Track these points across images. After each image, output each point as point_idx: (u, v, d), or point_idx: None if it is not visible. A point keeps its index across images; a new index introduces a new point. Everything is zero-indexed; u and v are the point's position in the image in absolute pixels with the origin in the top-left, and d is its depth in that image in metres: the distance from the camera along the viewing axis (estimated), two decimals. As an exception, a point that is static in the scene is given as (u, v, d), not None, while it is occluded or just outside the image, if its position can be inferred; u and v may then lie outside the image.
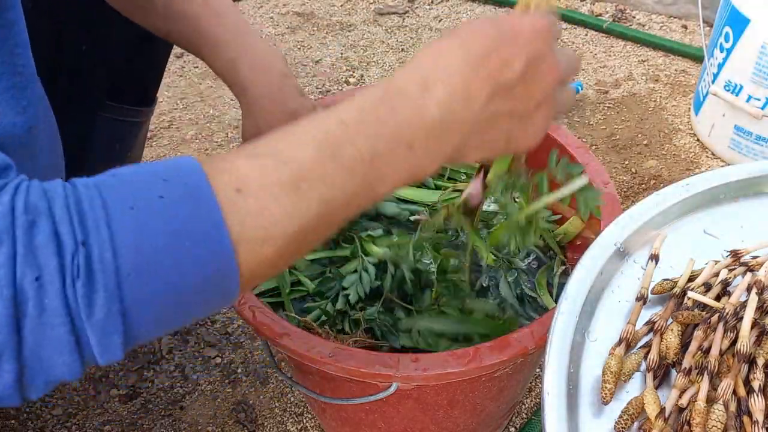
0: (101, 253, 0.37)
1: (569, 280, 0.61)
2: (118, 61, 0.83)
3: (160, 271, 0.39)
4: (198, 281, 0.40)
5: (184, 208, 0.39)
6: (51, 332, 0.36)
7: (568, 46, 1.79)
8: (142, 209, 0.38)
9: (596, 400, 0.56)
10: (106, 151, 0.89)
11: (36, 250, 0.36)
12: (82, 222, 0.37)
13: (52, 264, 0.36)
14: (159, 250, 0.38)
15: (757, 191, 0.72)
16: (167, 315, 0.40)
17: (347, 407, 0.80)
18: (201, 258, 0.40)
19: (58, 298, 0.36)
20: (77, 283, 0.36)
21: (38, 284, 0.36)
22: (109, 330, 0.37)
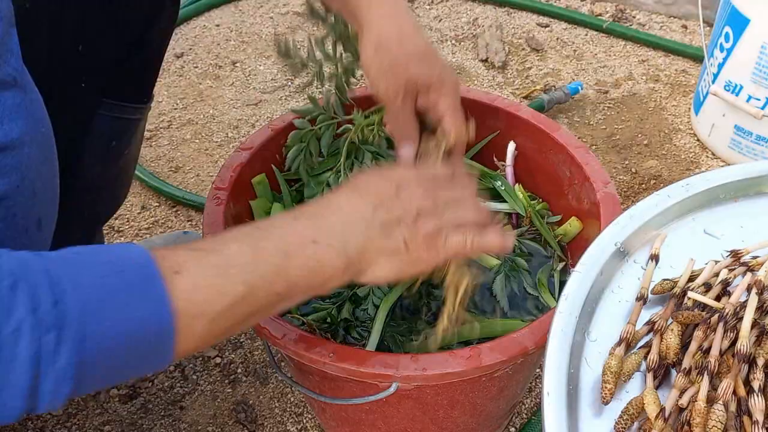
0: (72, 312, 0.44)
1: (569, 280, 0.62)
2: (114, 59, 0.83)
3: (114, 331, 0.46)
4: (141, 342, 0.47)
5: (137, 284, 0.48)
6: (17, 380, 0.42)
7: (568, 46, 1.79)
8: (106, 277, 0.47)
9: (596, 400, 0.56)
10: (103, 148, 0.89)
11: (16, 307, 0.42)
12: (58, 284, 0.44)
13: (29, 319, 0.42)
14: (117, 312, 0.46)
15: (757, 191, 0.72)
16: (110, 373, 0.48)
17: (347, 407, 0.80)
18: (147, 322, 0.47)
19: (30, 345, 0.42)
20: (49, 334, 0.43)
21: (14, 335, 0.42)
22: (65, 378, 0.44)
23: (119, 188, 1.01)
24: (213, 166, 1.46)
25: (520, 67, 1.72)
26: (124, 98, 0.86)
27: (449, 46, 1.79)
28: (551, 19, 1.88)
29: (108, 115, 0.86)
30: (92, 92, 0.83)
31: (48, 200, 0.62)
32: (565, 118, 1.56)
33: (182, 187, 1.41)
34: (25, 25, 0.54)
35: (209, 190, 0.82)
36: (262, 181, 0.88)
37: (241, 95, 1.64)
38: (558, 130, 0.89)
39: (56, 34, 0.77)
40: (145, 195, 1.40)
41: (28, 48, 0.57)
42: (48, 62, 0.78)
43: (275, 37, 0.72)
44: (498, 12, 1.91)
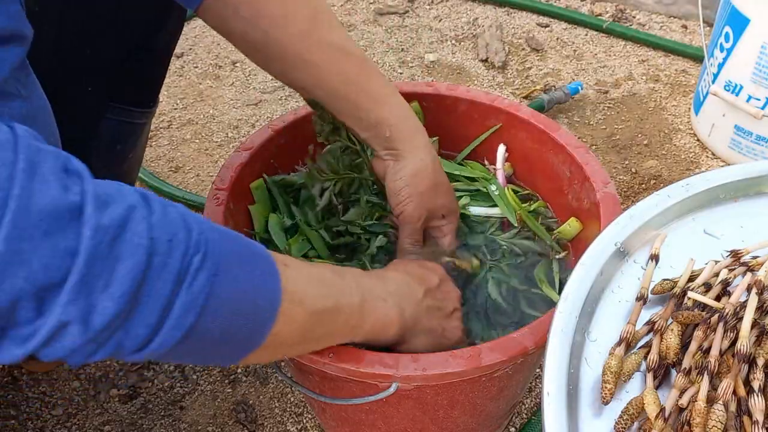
0: (214, 245, 0.46)
1: (569, 280, 0.62)
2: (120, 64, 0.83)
3: (238, 282, 0.48)
4: (252, 307, 0.50)
5: (258, 253, 0.53)
6: (161, 287, 0.43)
7: (568, 46, 1.79)
8: (237, 239, 0.51)
9: (596, 400, 0.56)
10: (107, 152, 0.89)
11: (169, 221, 0.44)
12: (199, 221, 0.47)
13: (180, 234, 0.44)
14: (241, 263, 0.49)
15: (757, 191, 0.72)
16: (220, 329, 0.48)
17: (347, 407, 0.80)
18: (260, 283, 0.51)
19: (178, 261, 0.43)
20: (196, 256, 0.45)
21: (169, 244, 0.43)
22: (195, 304, 0.45)
23: None
24: (213, 166, 1.46)
25: (520, 67, 1.72)
26: (131, 102, 0.86)
27: (449, 46, 1.79)
28: (551, 19, 1.88)
29: (114, 119, 0.86)
30: (99, 96, 0.83)
31: None
32: (565, 118, 1.56)
33: (182, 187, 1.41)
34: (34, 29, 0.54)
35: (209, 190, 0.82)
36: (260, 186, 0.88)
37: (241, 95, 1.64)
38: (558, 130, 0.89)
39: (63, 37, 0.77)
40: (145, 195, 1.39)
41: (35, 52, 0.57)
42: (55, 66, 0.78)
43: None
44: (498, 12, 1.91)
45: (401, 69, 1.72)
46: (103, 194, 0.41)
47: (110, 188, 0.42)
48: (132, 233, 0.41)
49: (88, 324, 0.40)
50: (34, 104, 0.55)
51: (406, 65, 1.74)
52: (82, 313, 0.40)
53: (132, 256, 0.41)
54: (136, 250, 0.41)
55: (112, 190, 0.42)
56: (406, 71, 1.72)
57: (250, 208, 0.87)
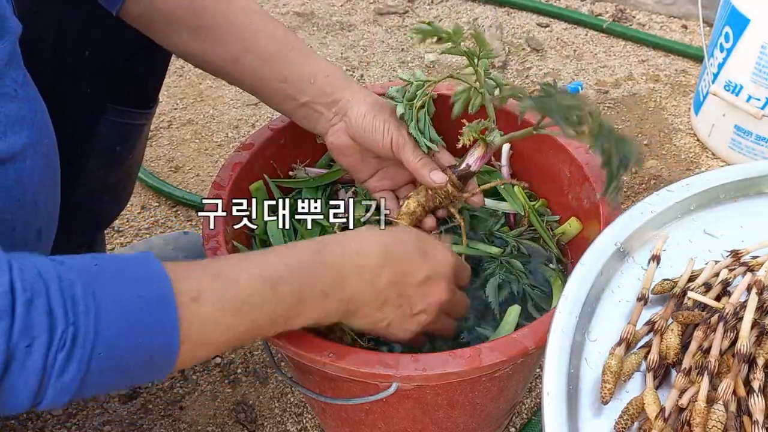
0: (86, 334, 0.46)
1: (569, 280, 0.61)
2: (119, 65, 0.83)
3: (121, 353, 0.48)
4: (143, 364, 0.50)
5: (153, 308, 0.49)
6: (24, 385, 0.45)
7: (568, 46, 1.79)
8: (122, 303, 0.48)
9: (596, 400, 0.56)
10: (107, 153, 0.89)
11: (32, 324, 0.44)
12: (74, 305, 0.46)
13: (43, 336, 0.44)
14: (126, 340, 0.48)
15: (757, 191, 0.72)
16: (109, 385, 0.50)
17: (347, 407, 0.80)
18: (153, 347, 0.50)
19: (40, 361, 0.45)
20: (59, 354, 0.45)
21: (27, 350, 0.44)
22: (67, 391, 0.46)
23: (122, 192, 1.01)
24: (213, 166, 1.46)
25: (520, 67, 1.72)
26: (130, 103, 0.86)
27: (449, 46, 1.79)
28: (551, 19, 1.88)
29: (113, 120, 0.86)
30: (98, 97, 0.83)
31: (49, 210, 0.62)
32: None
33: (182, 187, 1.41)
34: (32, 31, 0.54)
35: (209, 190, 0.82)
36: (260, 188, 0.88)
37: (241, 95, 1.64)
38: (558, 130, 0.89)
39: (62, 39, 0.77)
40: (145, 195, 1.40)
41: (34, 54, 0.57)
42: (54, 67, 0.78)
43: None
44: (498, 12, 1.91)
45: (401, 69, 1.72)
46: None
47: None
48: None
49: None
50: (30, 105, 0.55)
51: (406, 65, 1.74)
52: None
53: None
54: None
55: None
56: (406, 71, 1.72)
57: (250, 209, 0.87)
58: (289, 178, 0.93)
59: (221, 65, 0.76)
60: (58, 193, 0.64)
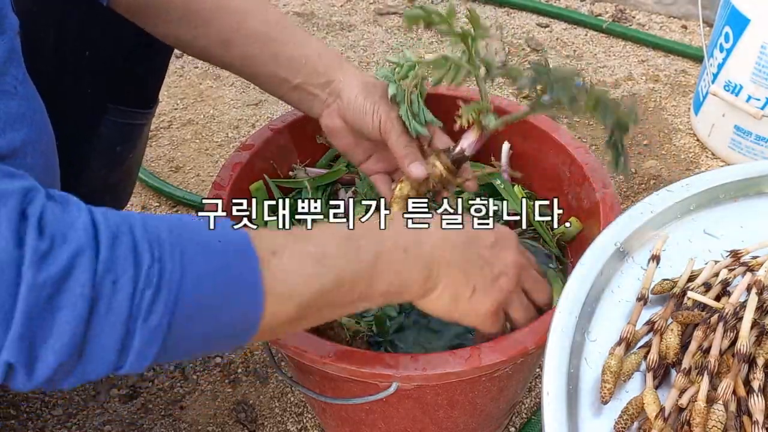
0: (172, 273, 0.44)
1: (569, 280, 0.62)
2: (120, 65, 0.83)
3: (207, 300, 0.46)
4: (228, 318, 0.48)
5: (235, 257, 0.48)
6: (110, 330, 0.42)
7: (568, 46, 1.79)
8: (206, 246, 0.47)
9: (596, 400, 0.56)
10: (108, 153, 0.89)
11: (117, 259, 0.42)
12: (159, 244, 0.44)
13: (128, 272, 0.43)
14: (212, 283, 0.46)
15: (757, 191, 0.72)
16: (193, 343, 0.48)
17: (347, 407, 0.80)
18: (238, 298, 0.48)
19: (126, 301, 0.42)
20: (147, 291, 0.43)
21: (113, 287, 0.42)
22: (154, 339, 0.44)
23: (123, 192, 1.01)
24: (213, 166, 1.46)
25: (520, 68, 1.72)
26: (130, 103, 0.86)
27: (449, 46, 1.79)
28: (551, 20, 1.88)
29: (114, 121, 0.86)
30: (99, 97, 0.83)
31: None
32: (565, 118, 1.56)
33: (182, 187, 1.41)
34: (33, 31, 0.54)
35: (209, 190, 0.82)
36: (261, 188, 0.88)
37: (241, 95, 1.64)
38: (558, 130, 0.89)
39: (63, 39, 0.77)
40: (145, 195, 1.40)
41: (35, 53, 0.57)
42: (55, 67, 0.78)
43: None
44: (498, 12, 1.91)
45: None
46: (48, 242, 0.41)
47: (59, 228, 0.42)
48: (74, 283, 0.41)
49: (33, 373, 0.42)
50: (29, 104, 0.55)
51: (406, 65, 1.74)
52: (26, 362, 0.41)
53: (72, 307, 0.41)
54: (76, 301, 0.41)
55: (61, 230, 0.42)
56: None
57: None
58: (289, 178, 0.93)
59: (212, 49, 0.75)
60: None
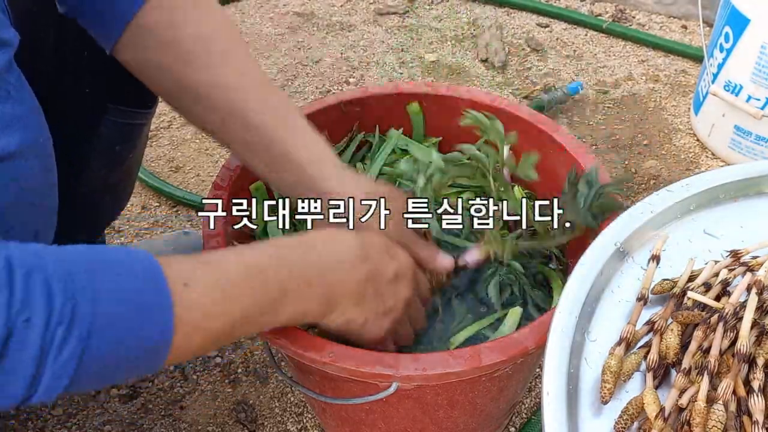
0: (84, 308, 0.45)
1: (569, 280, 0.62)
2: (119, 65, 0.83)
3: (119, 334, 0.47)
4: (140, 348, 0.49)
5: (148, 289, 0.50)
6: (22, 365, 0.43)
7: (568, 46, 1.79)
8: (118, 277, 0.48)
9: (596, 400, 0.56)
10: (108, 153, 0.89)
11: (30, 297, 0.43)
12: (72, 280, 0.45)
13: (41, 310, 0.43)
14: (123, 318, 0.48)
15: (757, 191, 0.72)
16: (104, 373, 0.49)
17: (347, 407, 0.80)
18: (149, 331, 0.49)
19: (38, 337, 0.43)
20: (59, 328, 0.44)
21: (26, 324, 0.43)
22: (64, 373, 0.45)
23: (122, 192, 1.01)
24: (213, 166, 1.46)
25: (520, 68, 1.72)
26: (130, 103, 0.86)
27: (449, 46, 1.79)
28: (551, 20, 1.88)
29: (114, 121, 0.86)
30: (98, 97, 0.83)
31: (46, 211, 0.62)
32: (565, 118, 1.56)
33: (182, 187, 1.41)
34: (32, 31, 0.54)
35: (209, 190, 0.82)
36: (260, 188, 0.88)
37: (241, 95, 1.64)
38: (558, 130, 0.89)
39: (62, 39, 0.77)
40: (145, 195, 1.40)
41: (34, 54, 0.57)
42: (54, 67, 0.78)
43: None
44: (498, 12, 1.91)
45: (401, 69, 1.72)
46: None
47: None
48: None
49: None
50: (24, 106, 0.55)
51: (406, 65, 1.74)
52: None
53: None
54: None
55: None
56: (406, 71, 1.72)
57: (250, 209, 0.87)
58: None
59: (210, 125, 0.73)
60: (55, 195, 0.64)
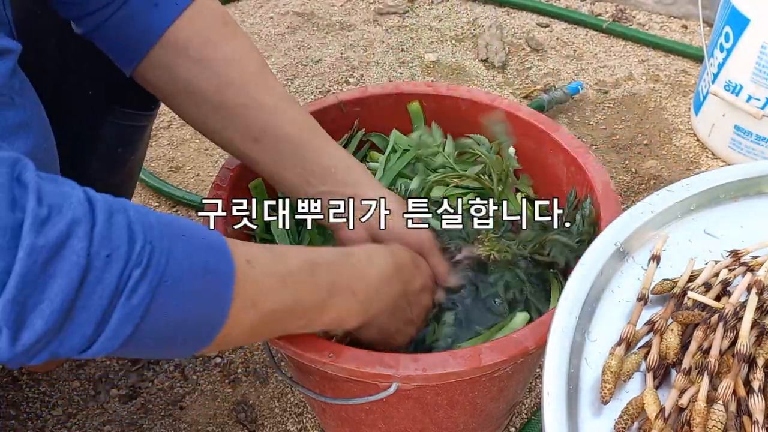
0: (160, 256, 0.46)
1: (569, 280, 0.62)
2: None
3: (185, 289, 0.48)
4: (197, 313, 0.50)
5: (214, 255, 0.51)
6: (95, 304, 0.43)
7: (568, 46, 1.79)
8: (189, 239, 0.49)
9: (596, 400, 0.56)
10: (109, 155, 0.89)
11: (112, 234, 0.44)
12: (150, 228, 0.46)
13: (123, 248, 0.44)
14: (191, 275, 0.48)
15: (757, 191, 0.72)
16: (160, 335, 0.49)
17: (347, 407, 0.80)
18: (210, 294, 0.51)
19: (115, 276, 0.43)
20: (135, 270, 0.44)
21: (107, 260, 0.43)
22: (131, 319, 0.45)
23: (124, 193, 1.01)
24: (213, 166, 1.46)
25: (520, 67, 1.72)
26: (132, 106, 0.86)
27: (449, 46, 1.79)
28: (551, 19, 1.88)
29: (116, 122, 0.86)
30: (100, 100, 0.83)
31: None
32: (565, 118, 1.57)
33: (182, 187, 1.41)
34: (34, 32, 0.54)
35: (209, 190, 0.82)
36: (259, 186, 0.88)
37: (241, 95, 1.64)
38: (558, 130, 0.89)
39: (65, 41, 0.77)
40: (145, 195, 1.40)
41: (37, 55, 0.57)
42: (56, 69, 0.78)
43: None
44: (498, 12, 1.91)
45: (401, 69, 1.72)
46: (46, 209, 0.42)
47: (56, 199, 0.42)
48: (70, 251, 0.42)
49: (19, 338, 0.42)
50: (28, 111, 0.54)
51: (406, 65, 1.74)
52: (14, 327, 0.41)
53: (66, 274, 0.42)
54: (71, 268, 0.42)
55: (58, 200, 0.42)
56: (406, 71, 1.72)
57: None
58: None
59: (240, 144, 0.74)
60: None
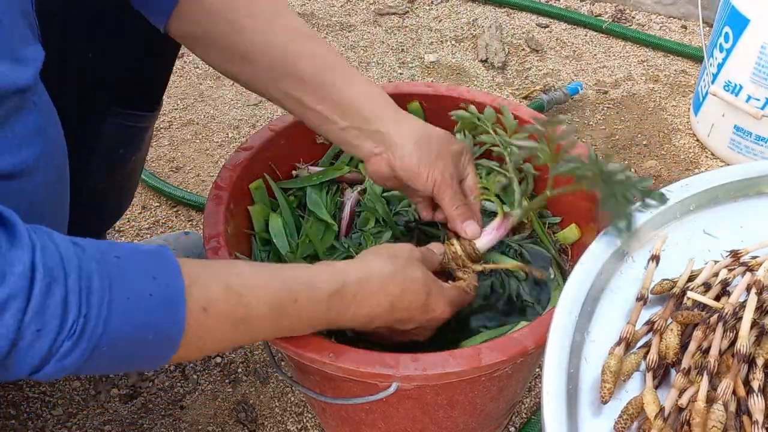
0: (95, 326, 0.47)
1: (569, 280, 0.62)
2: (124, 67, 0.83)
3: (123, 347, 0.50)
4: (139, 357, 0.52)
5: (163, 311, 0.51)
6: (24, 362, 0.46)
7: (568, 46, 1.79)
8: (134, 302, 0.49)
9: (596, 399, 0.56)
10: (110, 155, 0.89)
11: (46, 309, 0.45)
12: (89, 296, 0.47)
13: (54, 323, 0.46)
14: (133, 335, 0.50)
15: (757, 191, 0.72)
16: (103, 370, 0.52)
17: (347, 407, 0.80)
18: (152, 350, 0.52)
19: (46, 346, 0.46)
20: (66, 342, 0.46)
21: (37, 334, 0.45)
22: (64, 371, 0.48)
23: (125, 194, 1.01)
24: (213, 166, 1.46)
25: (520, 68, 1.72)
26: (134, 106, 0.86)
27: (449, 47, 1.80)
28: (551, 20, 1.88)
29: (117, 123, 0.86)
30: (102, 100, 0.83)
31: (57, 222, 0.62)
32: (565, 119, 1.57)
33: (183, 187, 1.41)
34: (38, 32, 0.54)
35: (209, 190, 0.82)
36: (260, 187, 0.88)
37: (242, 95, 1.64)
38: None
39: (67, 42, 0.77)
40: (145, 195, 1.40)
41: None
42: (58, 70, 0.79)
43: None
44: (498, 12, 1.91)
45: (401, 69, 1.72)
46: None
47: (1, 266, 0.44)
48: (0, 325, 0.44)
49: None
50: (43, 114, 0.55)
51: (406, 65, 1.74)
52: None
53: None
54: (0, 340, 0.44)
55: (2, 268, 0.44)
56: (406, 71, 1.72)
57: (249, 209, 0.87)
58: (290, 178, 0.93)
59: (261, 86, 0.75)
60: (66, 204, 0.64)
